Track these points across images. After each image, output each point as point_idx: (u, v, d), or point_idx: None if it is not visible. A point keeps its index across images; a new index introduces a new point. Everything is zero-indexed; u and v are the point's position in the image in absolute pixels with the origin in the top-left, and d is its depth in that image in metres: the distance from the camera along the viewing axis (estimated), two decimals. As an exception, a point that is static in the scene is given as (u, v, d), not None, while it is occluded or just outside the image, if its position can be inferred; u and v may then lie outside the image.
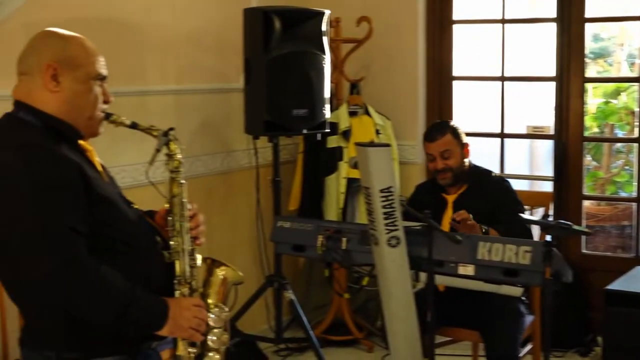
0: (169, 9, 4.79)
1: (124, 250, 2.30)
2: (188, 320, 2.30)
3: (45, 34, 2.41)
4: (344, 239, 3.76)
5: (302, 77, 4.66)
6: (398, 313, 3.63)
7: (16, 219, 2.19)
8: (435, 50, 5.65)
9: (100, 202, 2.26)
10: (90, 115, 2.37)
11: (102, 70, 2.40)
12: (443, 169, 4.11)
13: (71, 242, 2.17)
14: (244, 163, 5.33)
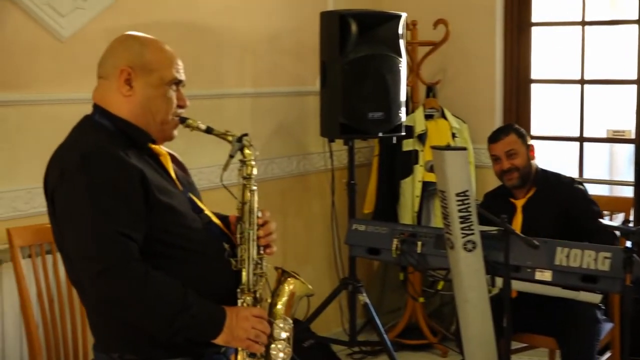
0: (247, 13, 4.84)
1: (185, 257, 2.29)
2: (245, 331, 2.25)
3: (124, 38, 2.43)
4: (419, 242, 3.76)
5: (378, 80, 4.66)
6: (473, 318, 3.61)
7: (72, 219, 2.22)
8: (513, 52, 5.60)
9: (160, 209, 2.25)
10: (163, 120, 2.37)
11: (177, 74, 2.39)
12: (509, 168, 4.07)
13: (120, 247, 2.17)
14: (319, 166, 5.35)
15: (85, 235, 2.19)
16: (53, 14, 3.81)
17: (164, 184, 2.31)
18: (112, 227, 2.16)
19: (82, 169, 2.20)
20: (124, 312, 2.23)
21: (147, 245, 2.22)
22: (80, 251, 2.21)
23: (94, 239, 2.18)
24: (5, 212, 3.68)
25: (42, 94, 3.80)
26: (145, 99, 2.33)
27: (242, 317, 2.26)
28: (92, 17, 3.96)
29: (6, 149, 3.68)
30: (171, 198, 2.29)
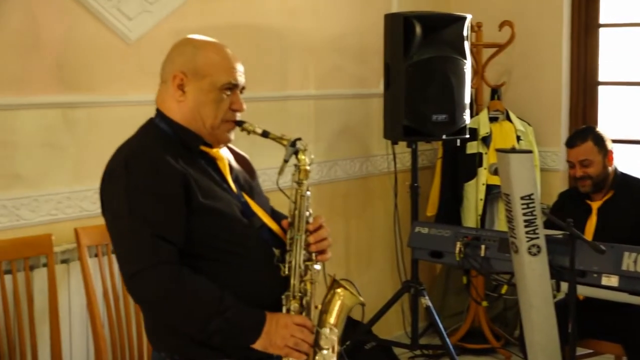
0: (312, 14, 4.86)
1: (230, 260, 2.27)
2: (283, 339, 2.22)
3: (183, 42, 2.44)
4: (482, 246, 3.75)
5: (443, 82, 4.64)
6: (538, 323, 3.58)
7: (112, 220, 2.26)
8: (580, 54, 5.54)
9: (203, 212, 2.24)
10: (212, 125, 2.35)
11: (232, 79, 2.36)
12: (582, 177, 4.05)
13: (155, 249, 2.17)
14: (382, 168, 5.36)
15: (121, 237, 2.24)
16: (121, 17, 3.87)
17: (211, 187, 2.30)
18: (147, 230, 2.18)
19: (124, 170, 2.24)
20: (158, 313, 2.26)
21: (190, 248, 2.23)
22: (118, 252, 2.26)
23: (128, 241, 2.22)
24: (73, 212, 3.74)
25: (109, 95, 3.86)
26: (195, 104, 2.33)
27: (282, 324, 2.23)
28: (159, 20, 4.01)
29: (75, 150, 3.75)
30: (217, 201, 2.28)
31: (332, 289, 2.37)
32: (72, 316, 3.68)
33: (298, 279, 2.29)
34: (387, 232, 5.38)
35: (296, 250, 2.31)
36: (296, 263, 2.30)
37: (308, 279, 2.31)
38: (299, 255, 2.31)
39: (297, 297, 2.29)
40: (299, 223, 2.33)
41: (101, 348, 3.57)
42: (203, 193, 2.25)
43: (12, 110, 3.54)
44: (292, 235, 2.33)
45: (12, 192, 3.55)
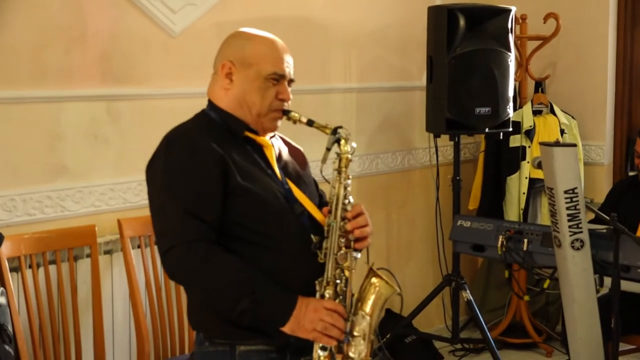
0: (354, 7, 4.87)
1: (265, 243, 2.28)
2: (312, 322, 2.21)
3: (234, 34, 2.48)
4: (525, 240, 3.74)
5: (486, 75, 4.62)
6: (580, 318, 3.56)
7: (150, 200, 2.31)
8: (627, 47, 5.49)
9: (242, 194, 2.26)
10: (259, 113, 2.38)
11: (279, 69, 2.39)
12: None
13: (189, 226, 2.21)
14: (424, 161, 5.35)
15: (157, 214, 2.28)
16: (165, 10, 3.90)
17: (252, 170, 2.33)
18: (180, 208, 2.21)
19: (163, 153, 2.30)
20: (189, 289, 2.31)
21: (227, 227, 2.26)
22: (154, 229, 2.30)
23: (163, 219, 2.26)
24: (116, 204, 3.78)
25: (153, 88, 3.89)
26: (241, 92, 2.37)
27: (312, 308, 2.22)
28: (202, 13, 4.04)
29: (119, 143, 3.79)
30: (255, 184, 2.30)
31: (368, 277, 2.35)
32: (114, 306, 3.73)
33: (333, 266, 2.29)
34: (429, 225, 5.38)
35: (332, 236, 2.31)
36: (331, 249, 2.30)
37: (346, 266, 2.31)
38: (334, 241, 2.31)
39: (331, 284, 2.28)
40: (336, 210, 2.33)
41: (143, 337, 3.61)
42: (242, 175, 2.28)
43: (58, 103, 3.59)
44: (329, 222, 2.33)
45: (57, 183, 3.60)
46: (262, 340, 2.29)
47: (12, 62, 3.43)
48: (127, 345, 3.77)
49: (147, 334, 3.62)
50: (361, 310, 2.31)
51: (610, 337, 3.45)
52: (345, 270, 2.31)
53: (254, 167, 2.34)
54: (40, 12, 3.49)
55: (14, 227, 3.43)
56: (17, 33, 3.42)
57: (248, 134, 2.39)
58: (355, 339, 2.29)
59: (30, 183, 3.52)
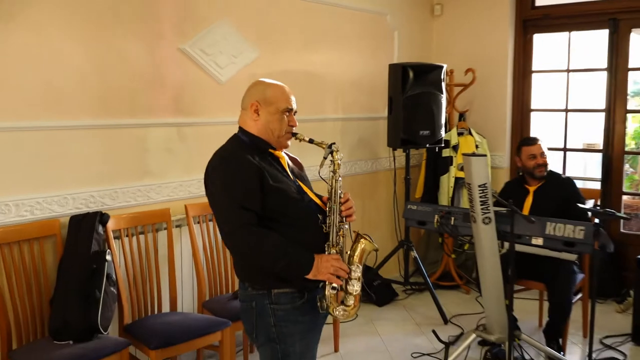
0: (340, 64, 4.86)
1: (291, 222, 2.27)
2: (326, 268, 2.23)
3: (256, 82, 2.45)
4: (452, 217, 3.73)
5: (427, 109, 4.63)
6: (488, 269, 3.57)
7: (214, 196, 2.27)
8: (519, 90, 5.50)
9: (274, 192, 2.25)
10: (278, 135, 2.37)
11: (289, 105, 2.39)
12: (542, 164, 4.00)
13: (240, 215, 2.19)
14: (386, 166, 5.35)
15: (220, 208, 2.25)
16: (216, 67, 3.91)
17: (278, 175, 2.31)
18: (236, 203, 2.20)
19: (220, 165, 2.26)
20: (246, 257, 2.27)
21: (267, 214, 2.25)
22: (218, 217, 2.26)
23: (224, 210, 2.23)
24: (183, 194, 3.79)
25: (208, 118, 3.89)
26: (266, 122, 2.35)
27: (325, 259, 2.25)
28: (241, 67, 4.05)
29: (185, 153, 3.80)
30: (281, 184, 2.29)
31: (357, 240, 2.38)
32: (182, 261, 3.74)
33: (335, 234, 2.31)
34: (389, 208, 5.38)
35: (333, 214, 2.33)
36: (333, 223, 2.31)
37: (341, 234, 2.33)
38: (335, 218, 2.32)
39: (335, 245, 2.30)
40: (335, 197, 2.34)
41: (201, 282, 3.62)
42: (273, 179, 2.27)
43: (145, 127, 3.60)
44: (330, 206, 2.34)
45: (144, 181, 3.61)
46: (287, 285, 2.28)
47: (115, 100, 3.44)
48: (190, 288, 3.79)
49: (204, 279, 3.63)
50: (354, 261, 2.33)
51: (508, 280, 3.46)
52: (341, 237, 2.33)
53: (277, 172, 2.33)
54: (133, 67, 3.50)
55: (116, 210, 3.44)
56: (118, 80, 3.44)
57: (270, 150, 2.38)
58: (352, 280, 2.32)
59: (127, 181, 3.53)
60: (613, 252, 3.75)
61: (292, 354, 2.31)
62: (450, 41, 5.70)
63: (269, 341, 2.31)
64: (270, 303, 2.29)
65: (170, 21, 3.65)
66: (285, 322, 2.29)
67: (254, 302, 2.31)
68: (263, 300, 2.29)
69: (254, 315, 2.32)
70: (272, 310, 2.29)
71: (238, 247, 2.25)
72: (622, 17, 4.98)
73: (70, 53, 3.23)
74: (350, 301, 2.32)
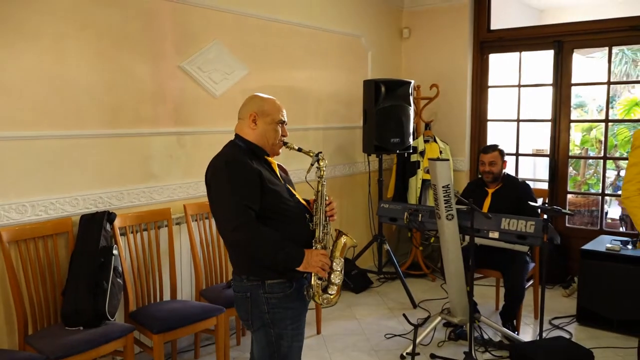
0: (320, 80, 4.84)
1: (284, 220, 2.28)
2: (316, 262, 2.25)
3: (253, 95, 2.46)
4: (420, 214, 3.74)
5: (397, 119, 4.64)
6: (452, 259, 3.58)
7: (219, 196, 2.25)
8: (477, 103, 5.53)
9: (270, 192, 2.26)
10: (273, 143, 2.37)
11: (281, 117, 2.40)
12: (488, 171, 4.02)
13: (245, 213, 2.18)
14: (361, 169, 5.34)
15: (226, 206, 2.22)
16: (211, 82, 3.87)
17: (273, 179, 2.32)
18: (241, 202, 2.19)
19: (225, 168, 2.24)
20: (248, 250, 2.25)
21: (264, 213, 2.24)
22: (223, 215, 2.24)
23: (230, 208, 2.21)
24: (183, 195, 3.74)
25: (204, 128, 3.85)
26: (264, 130, 2.35)
27: (314, 254, 2.26)
28: (233, 83, 4.01)
29: (185, 159, 3.76)
30: (277, 187, 2.30)
31: (338, 236, 2.39)
32: (182, 255, 3.70)
33: (321, 231, 2.32)
34: (364, 207, 5.37)
35: (320, 214, 2.34)
36: (320, 221, 2.33)
37: (325, 232, 2.34)
38: (321, 217, 2.34)
39: (320, 241, 2.31)
40: (321, 199, 2.36)
41: (199, 274, 3.58)
42: (269, 181, 2.27)
43: (148, 137, 3.56)
44: (317, 207, 2.36)
45: (148, 183, 3.57)
46: (279, 276, 2.28)
47: (123, 112, 3.40)
48: (189, 278, 3.75)
49: (200, 270, 3.60)
50: (335, 255, 2.35)
51: (468, 269, 3.47)
52: (327, 233, 2.34)
53: (271, 176, 2.33)
54: (138, 82, 3.46)
55: (123, 209, 3.40)
56: (125, 94, 3.40)
57: (265, 156, 2.39)
58: (335, 272, 2.33)
59: (132, 183, 3.48)
60: (559, 243, 3.78)
61: (285, 336, 2.31)
62: (417, 60, 5.71)
63: (263, 326, 2.31)
64: (264, 292, 2.28)
65: (171, 41, 3.61)
66: (277, 308, 2.29)
67: (248, 293, 2.31)
68: (257, 290, 2.29)
69: (249, 304, 2.32)
70: (265, 299, 2.29)
71: (242, 241, 2.22)
72: (566, 40, 5.04)
73: (83, 69, 3.18)
74: (333, 290, 2.33)
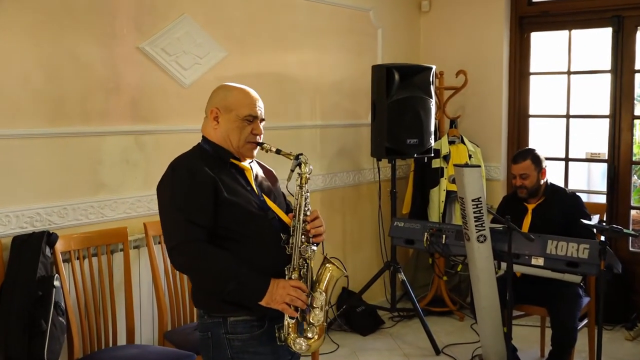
0: (318, 65, 4.87)
1: (245, 240, 2.28)
2: (282, 296, 2.21)
3: (220, 87, 2.48)
4: (443, 235, 3.76)
5: (414, 115, 4.65)
6: (484, 292, 3.59)
7: (160, 210, 2.31)
8: (516, 94, 5.55)
9: (227, 205, 2.26)
10: (237, 145, 2.39)
11: (252, 112, 2.39)
12: (520, 186, 4.04)
13: (186, 230, 2.21)
14: (369, 178, 5.35)
15: (165, 222, 2.28)
16: (179, 68, 3.89)
17: (236, 187, 2.32)
18: (182, 216, 2.22)
19: (170, 175, 2.31)
20: (190, 276, 2.30)
21: (220, 232, 2.26)
22: (163, 231, 2.30)
23: (169, 224, 2.26)
24: (142, 211, 3.75)
25: (169, 125, 3.87)
26: (225, 130, 2.38)
27: (282, 285, 2.23)
28: (206, 70, 4.03)
29: (144, 165, 3.76)
30: (238, 197, 2.30)
31: (323, 264, 2.36)
32: (141, 287, 3.70)
33: (298, 256, 2.29)
34: (373, 225, 5.38)
35: (296, 234, 2.32)
36: (295, 243, 2.30)
37: (307, 256, 2.31)
38: (298, 237, 2.31)
39: (296, 269, 2.28)
40: (298, 214, 2.34)
41: (163, 310, 3.58)
42: (228, 191, 2.28)
43: (98, 136, 3.56)
44: (294, 224, 2.34)
45: (98, 196, 3.57)
46: (246, 313, 2.28)
47: (64, 106, 3.40)
48: (150, 317, 3.74)
49: (165, 308, 3.59)
50: (319, 288, 2.32)
51: (506, 306, 3.47)
52: (307, 259, 2.31)
53: (236, 184, 2.33)
54: (85, 68, 3.47)
55: (66, 229, 3.39)
56: (67, 84, 3.40)
57: (233, 160, 2.39)
58: (315, 310, 2.29)
59: (78, 196, 3.48)
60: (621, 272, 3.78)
61: None
62: (440, 40, 5.73)
63: None
64: (226, 333, 2.29)
65: (128, 17, 3.63)
66: (242, 353, 2.29)
67: (209, 332, 2.33)
68: (219, 330, 2.30)
69: (210, 347, 2.33)
70: (227, 341, 2.29)
71: (181, 265, 2.29)
72: (627, 14, 5.06)
73: (14, 52, 3.18)
74: (313, 333, 2.29)
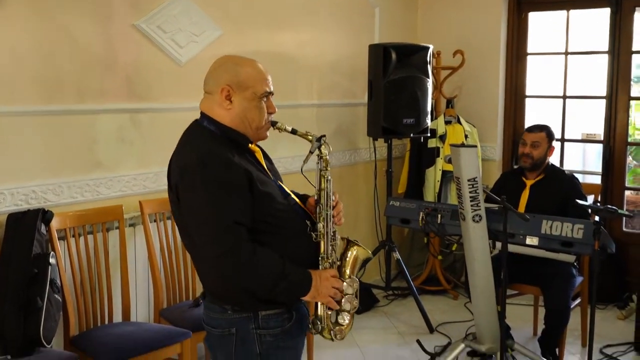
0: (315, 44, 4.85)
1: (281, 232, 2.12)
2: (327, 289, 2.13)
3: (224, 60, 2.25)
4: (439, 215, 3.75)
5: (411, 95, 4.64)
6: (479, 272, 3.59)
7: (193, 209, 2.06)
8: (512, 75, 5.53)
9: (262, 198, 2.08)
10: (257, 126, 2.19)
11: (267, 88, 2.19)
12: (527, 154, 4.04)
13: (234, 233, 2.01)
14: (365, 158, 5.34)
15: (205, 224, 2.04)
16: (174, 46, 3.86)
17: (262, 176, 2.14)
18: (228, 218, 2.01)
19: (198, 168, 2.04)
20: (238, 282, 2.06)
21: (255, 225, 2.08)
22: (202, 237, 2.05)
23: (212, 228, 2.02)
24: (138, 189, 3.74)
25: (165, 104, 3.85)
26: (242, 110, 2.17)
27: (324, 277, 2.13)
28: (203, 47, 4.01)
29: (140, 143, 3.75)
30: (268, 187, 2.13)
31: (347, 247, 2.28)
32: (137, 265, 3.70)
33: (327, 244, 2.20)
34: (369, 205, 5.38)
35: (327, 222, 2.21)
36: (327, 231, 2.20)
37: (333, 244, 2.22)
38: (329, 226, 2.21)
39: (328, 258, 2.19)
40: (327, 201, 2.23)
41: (158, 289, 3.58)
42: (259, 182, 2.10)
43: (94, 114, 3.54)
44: (321, 210, 2.22)
45: (93, 174, 3.56)
46: (276, 306, 2.15)
47: (59, 84, 3.38)
48: (146, 295, 3.76)
49: (161, 286, 3.59)
50: (346, 273, 2.24)
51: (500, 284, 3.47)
52: (334, 246, 2.22)
53: (260, 172, 2.16)
54: (80, 46, 3.44)
55: (61, 207, 3.39)
56: (62, 61, 3.38)
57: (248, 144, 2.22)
58: (347, 296, 2.22)
59: (74, 174, 3.47)
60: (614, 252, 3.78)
61: None
62: (437, 20, 5.71)
63: None
64: (257, 328, 2.13)
65: (123, -6, 3.59)
66: (273, 349, 2.15)
67: (234, 328, 2.15)
68: (247, 325, 2.14)
69: (232, 344, 2.15)
70: (257, 337, 2.14)
71: (231, 272, 2.05)
72: (625, -6, 5.03)
73: (9, 30, 3.15)
74: (345, 320, 2.24)
